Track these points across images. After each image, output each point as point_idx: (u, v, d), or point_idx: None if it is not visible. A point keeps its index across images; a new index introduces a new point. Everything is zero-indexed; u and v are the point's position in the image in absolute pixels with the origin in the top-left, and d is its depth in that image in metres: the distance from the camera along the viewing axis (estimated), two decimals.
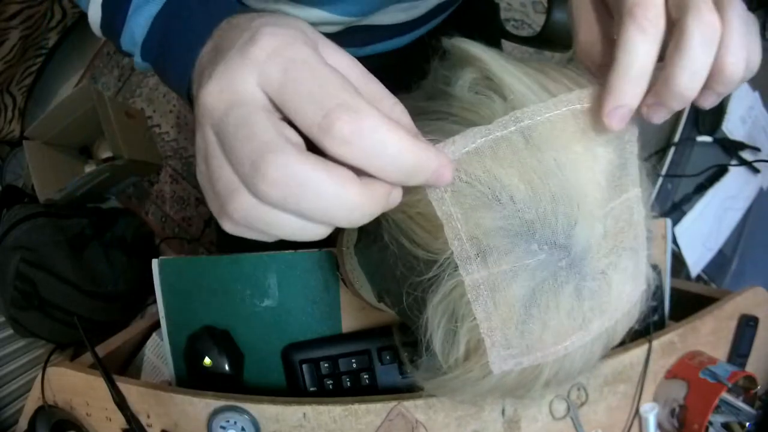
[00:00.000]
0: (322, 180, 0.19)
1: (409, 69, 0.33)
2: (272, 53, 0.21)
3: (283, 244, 0.61)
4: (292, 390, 0.61)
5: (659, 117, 0.25)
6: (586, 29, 0.28)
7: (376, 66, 0.30)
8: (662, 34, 0.23)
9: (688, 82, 0.23)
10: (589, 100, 0.25)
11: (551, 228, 0.24)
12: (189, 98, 0.33)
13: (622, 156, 0.26)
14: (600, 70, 0.27)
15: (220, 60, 0.22)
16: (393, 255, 0.29)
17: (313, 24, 0.54)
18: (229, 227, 0.22)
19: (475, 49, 0.28)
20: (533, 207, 0.24)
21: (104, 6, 0.40)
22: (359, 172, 0.20)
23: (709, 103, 0.25)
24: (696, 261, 1.04)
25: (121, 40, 0.40)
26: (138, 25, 0.38)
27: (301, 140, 0.21)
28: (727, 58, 0.23)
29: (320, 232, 0.22)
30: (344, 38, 0.57)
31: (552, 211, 0.24)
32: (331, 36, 0.59)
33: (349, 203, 0.20)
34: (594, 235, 0.25)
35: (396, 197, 0.22)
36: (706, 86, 0.23)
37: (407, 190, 0.26)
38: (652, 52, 0.23)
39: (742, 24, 0.23)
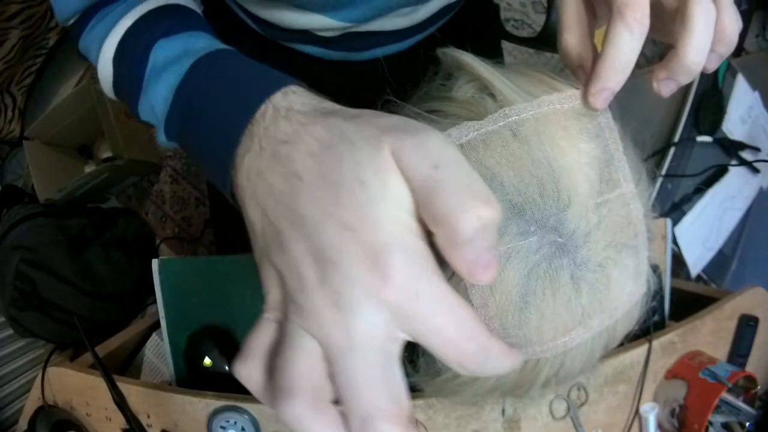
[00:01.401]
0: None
1: (408, 73, 0.33)
2: (407, 290, 0.19)
3: None
4: None
5: (668, 90, 0.28)
6: (571, 30, 0.29)
7: (375, 70, 0.31)
8: (647, 31, 0.25)
9: (695, 57, 0.26)
10: (567, 102, 0.28)
11: (540, 210, 0.26)
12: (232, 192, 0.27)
13: (606, 152, 0.28)
14: (578, 71, 0.29)
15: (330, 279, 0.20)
16: None
17: (314, 29, 0.54)
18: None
19: (467, 58, 0.30)
20: (521, 191, 0.26)
21: (116, 61, 0.35)
22: None
23: (713, 65, 0.28)
24: (696, 261, 1.03)
25: (139, 108, 0.34)
26: (158, 94, 0.31)
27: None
28: (726, 22, 0.26)
29: None
30: (343, 43, 0.57)
31: (539, 194, 0.26)
32: (330, 40, 0.58)
33: None
34: (588, 224, 0.27)
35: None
36: (710, 50, 0.26)
37: None
38: (636, 47, 0.25)
39: None
